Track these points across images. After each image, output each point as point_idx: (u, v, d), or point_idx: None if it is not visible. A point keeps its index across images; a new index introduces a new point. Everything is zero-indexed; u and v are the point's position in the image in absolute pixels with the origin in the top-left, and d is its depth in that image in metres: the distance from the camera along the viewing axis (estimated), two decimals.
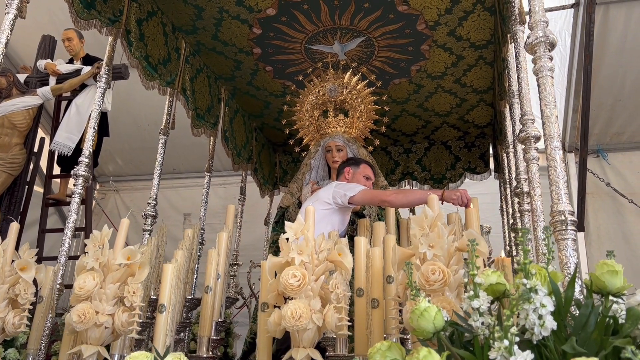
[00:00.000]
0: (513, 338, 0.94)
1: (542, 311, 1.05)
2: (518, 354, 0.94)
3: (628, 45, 4.85)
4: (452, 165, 4.67)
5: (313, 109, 3.39)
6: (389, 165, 4.76)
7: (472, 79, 3.87)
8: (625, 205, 5.28)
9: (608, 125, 5.33)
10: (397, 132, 4.60)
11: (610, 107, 5.20)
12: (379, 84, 3.55)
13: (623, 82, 5.03)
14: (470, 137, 4.69)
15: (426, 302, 1.18)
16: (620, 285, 1.18)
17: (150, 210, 3.12)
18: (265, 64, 3.78)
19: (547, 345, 1.06)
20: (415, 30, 3.35)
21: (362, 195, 2.65)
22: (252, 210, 5.21)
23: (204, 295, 2.10)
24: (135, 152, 6.13)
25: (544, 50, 1.64)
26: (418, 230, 1.53)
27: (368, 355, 1.21)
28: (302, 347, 1.53)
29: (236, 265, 4.08)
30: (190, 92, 3.60)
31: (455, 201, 2.45)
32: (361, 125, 3.34)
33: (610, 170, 5.45)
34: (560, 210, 1.45)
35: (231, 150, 4.11)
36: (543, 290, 1.07)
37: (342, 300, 1.58)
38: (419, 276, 1.47)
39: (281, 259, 1.63)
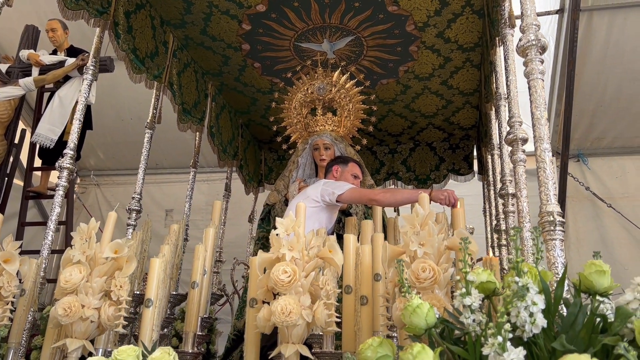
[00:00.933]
0: (506, 334, 0.95)
1: (533, 309, 1.06)
2: (511, 350, 0.96)
3: (610, 52, 4.94)
4: (436, 166, 4.71)
5: (301, 107, 3.39)
6: (375, 164, 4.78)
7: (459, 81, 3.90)
8: (604, 210, 5.38)
9: (589, 131, 5.42)
10: (383, 132, 4.63)
11: (592, 113, 5.30)
12: (367, 84, 3.57)
13: (604, 88, 5.13)
14: (455, 138, 4.73)
15: (418, 299, 1.19)
16: (608, 285, 1.21)
17: (135, 205, 3.08)
18: (254, 60, 3.77)
19: (537, 342, 1.07)
20: (404, 31, 3.37)
21: (350, 193, 2.66)
22: (236, 208, 5.19)
23: (191, 291, 2.08)
24: (118, 146, 6.05)
25: (535, 54, 1.67)
26: (409, 228, 1.54)
27: (359, 351, 1.22)
28: (292, 343, 1.53)
29: (220, 262, 4.06)
30: (177, 86, 3.56)
31: (443, 201, 2.47)
32: (349, 124, 3.35)
33: (590, 174, 5.55)
34: (549, 211, 1.48)
35: (217, 147, 4.09)
36: (534, 289, 1.08)
37: (332, 297, 1.59)
38: (409, 274, 1.48)
39: (271, 255, 1.63)
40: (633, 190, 5.38)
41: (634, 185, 5.37)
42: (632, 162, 5.46)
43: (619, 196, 5.36)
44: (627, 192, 5.39)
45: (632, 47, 4.88)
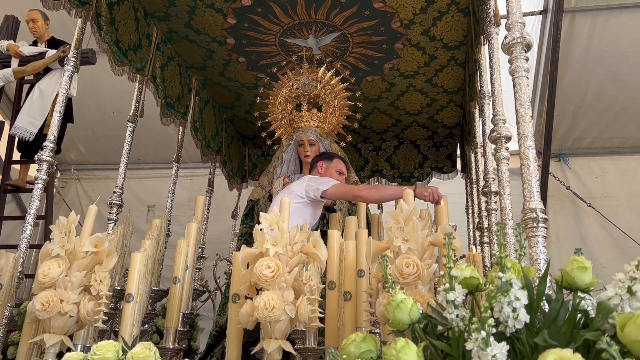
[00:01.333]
0: (490, 329, 0.96)
1: (516, 304, 1.07)
2: (494, 345, 0.96)
3: (592, 54, 5.01)
4: (420, 164, 4.73)
5: (286, 102, 3.38)
6: (359, 162, 4.78)
7: (443, 80, 3.92)
8: (584, 209, 5.46)
9: (570, 131, 5.49)
10: (368, 129, 4.63)
11: (573, 113, 5.36)
12: (352, 80, 3.56)
13: (586, 89, 5.20)
14: (438, 137, 4.76)
15: (402, 294, 1.19)
16: (589, 282, 1.22)
17: (116, 199, 3.04)
18: (239, 54, 3.74)
19: (519, 338, 1.08)
20: (390, 28, 3.37)
21: (335, 189, 2.65)
22: (218, 204, 5.15)
23: (172, 286, 2.06)
24: (99, 140, 5.97)
25: (520, 51, 1.67)
26: (393, 223, 1.54)
27: (342, 346, 1.21)
28: (274, 339, 1.52)
29: (202, 258, 4.03)
30: (161, 80, 3.52)
31: (427, 198, 2.48)
32: (334, 121, 3.34)
33: (571, 174, 5.62)
34: (532, 207, 1.49)
35: (200, 141, 4.05)
36: (518, 284, 1.09)
37: (316, 292, 1.58)
38: (393, 269, 1.48)
39: (255, 250, 1.62)
40: (612, 190, 5.46)
41: (613, 185, 5.46)
42: (611, 162, 5.54)
43: (599, 196, 5.45)
44: (606, 192, 5.48)
45: (613, 49, 4.95)
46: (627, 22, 4.83)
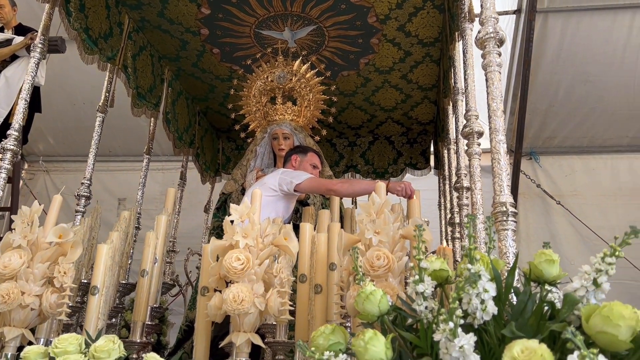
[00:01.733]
0: (458, 320, 0.95)
1: (484, 296, 1.07)
2: (461, 336, 0.96)
3: (563, 54, 5.09)
4: (394, 160, 4.74)
5: (261, 95, 3.34)
6: (334, 157, 4.78)
7: (418, 76, 3.94)
8: (553, 206, 5.57)
9: (541, 129, 5.58)
10: (343, 124, 4.62)
11: (544, 112, 5.46)
12: (327, 74, 3.54)
13: (557, 89, 5.29)
14: (413, 133, 4.78)
15: (372, 285, 1.18)
16: (556, 274, 1.23)
17: (84, 191, 2.96)
18: (213, 46, 3.68)
19: (487, 329, 1.08)
20: (366, 22, 3.37)
21: (309, 183, 2.63)
22: (191, 198, 5.08)
23: (140, 279, 2.01)
24: (68, 132, 5.82)
25: (493, 46, 1.68)
26: (365, 216, 1.53)
27: (311, 338, 1.20)
28: (243, 332, 1.50)
29: (173, 252, 3.97)
30: (132, 69, 3.44)
31: (400, 192, 2.48)
32: (309, 114, 3.32)
33: (542, 172, 5.72)
34: (502, 201, 1.50)
35: (172, 133, 3.98)
36: (486, 276, 1.09)
37: (286, 285, 1.56)
38: (363, 261, 1.47)
39: (225, 242, 1.59)
40: (581, 188, 5.58)
41: (582, 184, 5.58)
42: (580, 161, 5.66)
43: (568, 194, 5.55)
44: (575, 190, 5.59)
45: (583, 49, 5.05)
46: (597, 24, 4.93)
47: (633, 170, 5.56)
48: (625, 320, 0.93)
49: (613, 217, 5.42)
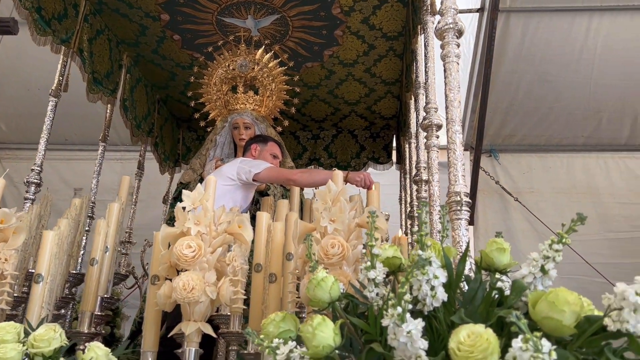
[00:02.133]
0: (406, 306, 0.94)
1: (434, 282, 1.07)
2: (410, 321, 0.95)
3: (524, 53, 5.20)
4: (357, 154, 4.75)
5: (222, 83, 3.28)
6: (297, 149, 4.75)
7: (382, 70, 3.94)
8: (511, 203, 5.69)
9: (501, 128, 5.68)
10: (307, 117, 4.60)
11: (505, 111, 5.55)
12: (290, 64, 3.50)
13: (517, 88, 5.39)
14: (376, 127, 4.80)
15: (324, 272, 1.16)
16: (507, 263, 1.24)
17: (34, 178, 2.85)
18: (173, 32, 3.59)
19: (437, 316, 1.08)
20: (330, 13, 3.34)
21: (268, 172, 2.60)
22: (151, 189, 4.96)
23: (89, 268, 1.94)
24: (22, 118, 5.59)
25: (452, 37, 1.69)
26: (321, 204, 1.51)
27: (262, 325, 1.17)
28: (193, 321, 1.46)
29: (129, 244, 3.87)
30: (88, 53, 3.32)
31: (359, 183, 2.48)
32: (271, 105, 3.28)
33: (501, 169, 5.83)
34: (456, 191, 1.50)
35: (130, 121, 3.87)
36: (437, 262, 1.08)
37: (239, 274, 1.53)
38: (318, 250, 1.45)
39: (176, 229, 1.54)
40: (538, 185, 5.72)
41: (539, 181, 5.72)
42: (538, 159, 5.80)
43: (525, 191, 5.68)
44: (532, 188, 5.73)
45: (543, 50, 5.16)
46: (557, 25, 5.05)
47: (587, 169, 5.73)
48: (570, 306, 0.94)
49: (568, 213, 5.50)
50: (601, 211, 5.55)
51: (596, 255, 5.28)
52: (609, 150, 5.69)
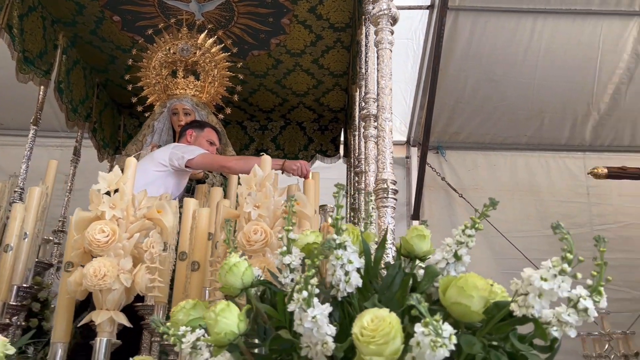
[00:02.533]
0: (313, 289, 0.91)
1: (348, 267, 1.04)
2: (317, 306, 0.91)
3: (471, 52, 5.29)
4: (305, 146, 4.71)
5: (161, 67, 3.16)
6: (244, 140, 4.66)
7: (330, 62, 3.91)
8: (456, 199, 5.80)
9: (448, 125, 5.77)
10: (254, 107, 4.52)
11: (452, 108, 5.64)
12: (234, 50, 3.42)
13: (464, 86, 5.49)
14: (324, 120, 4.77)
15: (237, 257, 1.11)
16: (427, 250, 1.22)
17: None
18: (113, 12, 3.43)
19: (352, 302, 1.05)
20: (276, 1, 3.28)
21: (202, 158, 2.51)
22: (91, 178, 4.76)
23: (3, 255, 1.83)
24: None
25: (386, 23, 1.66)
26: (245, 188, 1.46)
27: (171, 313, 1.12)
28: (105, 310, 1.38)
29: (62, 233, 3.69)
30: (18, 31, 3.13)
31: (295, 171, 2.44)
32: (213, 91, 3.19)
33: (447, 166, 5.93)
34: (383, 178, 1.48)
35: (65, 105, 3.68)
36: (352, 247, 1.05)
37: (157, 261, 1.46)
38: (240, 236, 1.40)
39: (90, 213, 1.46)
40: (482, 183, 5.84)
41: (483, 178, 5.84)
42: (483, 157, 5.92)
43: (470, 187, 5.79)
44: (476, 184, 5.84)
45: (489, 49, 5.27)
46: (503, 26, 5.16)
47: (529, 167, 5.90)
48: (479, 291, 0.93)
49: (510, 211, 5.72)
50: (541, 209, 5.73)
51: (536, 251, 5.44)
52: (550, 150, 5.88)
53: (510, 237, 5.42)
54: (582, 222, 5.63)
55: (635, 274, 5.55)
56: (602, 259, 1.04)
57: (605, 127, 5.72)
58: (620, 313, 5.30)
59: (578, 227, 5.64)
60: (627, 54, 5.21)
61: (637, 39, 5.13)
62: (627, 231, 5.56)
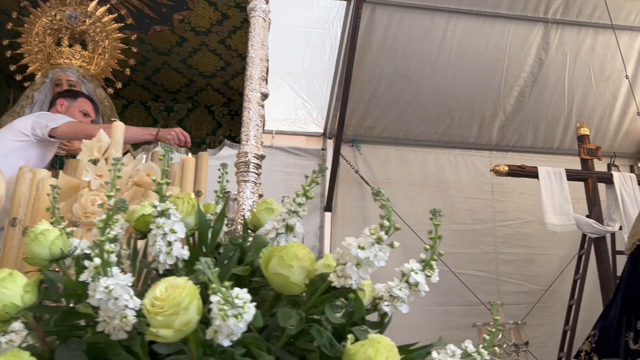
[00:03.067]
0: (109, 257, 0.80)
1: (171, 237, 0.95)
2: (116, 276, 0.81)
3: (387, 47, 5.34)
4: (213, 131, 4.55)
5: (45, 34, 2.90)
6: (148, 121, 4.42)
7: (237, 43, 3.78)
8: (369, 192, 5.84)
9: (364, 118, 5.80)
10: (159, 86, 4.30)
11: (367, 102, 5.68)
12: (129, 22, 3.21)
13: (379, 80, 5.54)
14: (234, 105, 4.62)
15: (47, 224, 0.98)
16: None
17: None
18: None
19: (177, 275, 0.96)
20: None
21: (66, 127, 2.31)
22: None
23: None
24: None
25: None
26: (86, 155, 1.33)
27: None
28: None
29: None
30: None
31: (171, 140, 2.30)
32: (103, 63, 2.98)
33: (361, 159, 5.96)
34: (245, 151, 1.40)
35: None
36: (177, 216, 0.96)
37: None
38: (77, 206, 1.27)
39: None
40: (393, 177, 5.92)
41: (395, 173, 5.92)
42: (395, 152, 6.01)
43: (382, 181, 5.85)
44: (389, 179, 5.92)
45: (404, 45, 5.34)
46: (418, 23, 5.25)
47: (439, 164, 6.05)
48: (299, 261, 0.86)
49: (419, 205, 5.85)
50: (448, 204, 5.90)
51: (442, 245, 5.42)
52: (459, 147, 6.06)
53: (419, 230, 5.53)
54: (485, 217, 5.86)
55: (532, 268, 5.86)
56: (437, 234, 1.01)
57: (510, 128, 5.98)
58: (517, 305, 5.58)
59: (482, 222, 5.87)
60: (531, 58, 5.47)
61: (541, 44, 5.39)
62: (526, 228, 5.85)
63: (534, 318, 5.45)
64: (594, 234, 4.67)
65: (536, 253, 5.87)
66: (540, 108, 5.80)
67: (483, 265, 5.69)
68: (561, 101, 5.72)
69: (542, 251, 5.81)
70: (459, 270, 5.46)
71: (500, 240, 5.79)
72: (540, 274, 5.77)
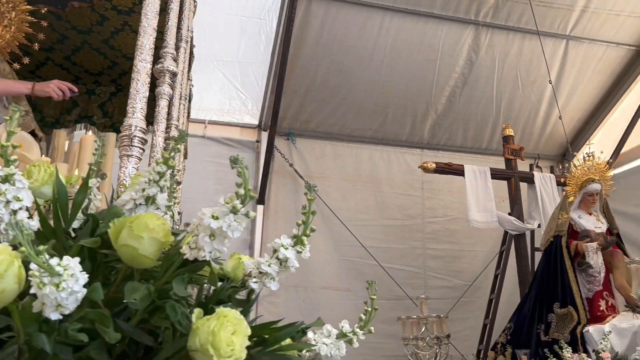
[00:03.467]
0: None
1: (15, 205, 0.86)
2: None
3: (323, 41, 5.32)
4: None
5: None
6: (66, 103, 4.17)
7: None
8: (303, 186, 5.81)
9: (299, 112, 5.76)
10: (79, 67, 4.07)
11: (303, 96, 5.64)
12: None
13: (315, 74, 5.51)
14: None
15: None
16: None
17: None
18: None
19: None
20: None
21: None
22: None
23: None
24: None
25: None
26: None
27: None
28: None
29: None
30: None
31: (51, 93, 2.16)
32: (8, 37, 2.78)
33: (296, 153, 5.91)
34: (129, 124, 1.32)
35: None
36: (24, 183, 0.88)
37: None
38: None
39: None
40: (328, 171, 5.92)
41: (329, 168, 5.93)
42: (330, 146, 6.01)
43: (317, 175, 5.83)
44: (323, 173, 5.91)
45: (340, 40, 5.34)
46: (354, 19, 5.26)
47: (372, 160, 6.10)
48: (150, 232, 0.80)
49: (351, 200, 5.88)
50: (380, 200, 5.97)
51: (372, 239, 5.65)
52: (392, 145, 6.14)
53: (351, 225, 5.56)
54: (415, 214, 5.97)
55: (458, 264, 6.03)
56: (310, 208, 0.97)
57: (441, 127, 6.11)
58: (443, 299, 5.72)
59: (412, 218, 5.97)
60: (462, 59, 5.60)
61: (472, 46, 5.54)
62: (453, 224, 6.00)
63: (458, 312, 5.61)
64: (514, 231, 4.85)
65: (462, 249, 6.04)
66: (470, 109, 5.96)
67: (411, 260, 5.79)
68: (490, 103, 5.90)
69: (468, 247, 5.99)
70: (387, 264, 5.53)
71: (429, 236, 5.92)
72: (466, 270, 5.94)
